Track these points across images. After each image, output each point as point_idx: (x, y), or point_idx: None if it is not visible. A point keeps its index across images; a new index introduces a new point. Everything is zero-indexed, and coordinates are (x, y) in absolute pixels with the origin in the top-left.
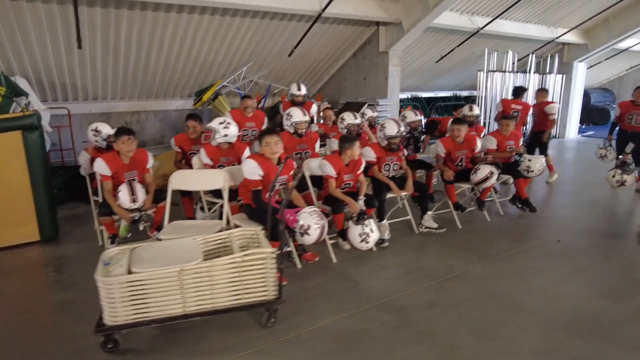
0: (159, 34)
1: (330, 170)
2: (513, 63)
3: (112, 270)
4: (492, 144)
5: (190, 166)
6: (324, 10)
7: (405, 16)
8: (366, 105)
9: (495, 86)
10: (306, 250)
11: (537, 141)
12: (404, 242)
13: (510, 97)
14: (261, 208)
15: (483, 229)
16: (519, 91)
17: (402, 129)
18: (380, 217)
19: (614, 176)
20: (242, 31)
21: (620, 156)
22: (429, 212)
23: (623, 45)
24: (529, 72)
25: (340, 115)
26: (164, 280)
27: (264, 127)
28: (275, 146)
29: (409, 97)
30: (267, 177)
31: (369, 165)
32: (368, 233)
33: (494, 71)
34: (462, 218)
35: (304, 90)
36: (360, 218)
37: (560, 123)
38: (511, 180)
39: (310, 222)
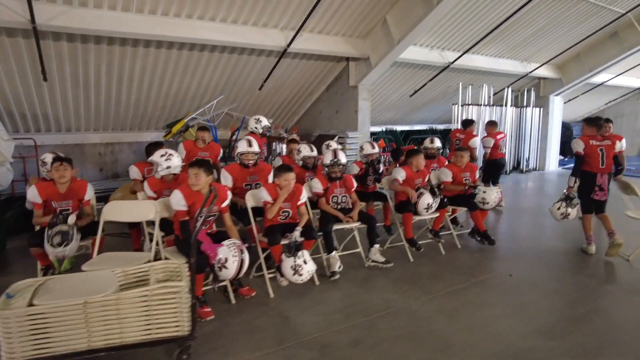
0: (128, 68)
1: (265, 196)
2: (489, 97)
3: (14, 303)
4: (448, 176)
5: None
6: (289, 45)
7: (372, 52)
8: (336, 137)
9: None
10: (243, 284)
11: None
12: (350, 276)
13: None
14: (187, 239)
15: (435, 262)
16: (466, 122)
17: (341, 158)
18: (328, 249)
19: (558, 208)
20: (211, 65)
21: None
22: (376, 246)
23: (597, 80)
24: (505, 106)
25: (297, 148)
26: (67, 313)
27: (219, 157)
28: (194, 178)
29: (384, 130)
30: (194, 209)
31: (317, 196)
32: (301, 265)
33: (468, 104)
34: (416, 251)
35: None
36: (293, 250)
37: (539, 155)
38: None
39: (228, 255)
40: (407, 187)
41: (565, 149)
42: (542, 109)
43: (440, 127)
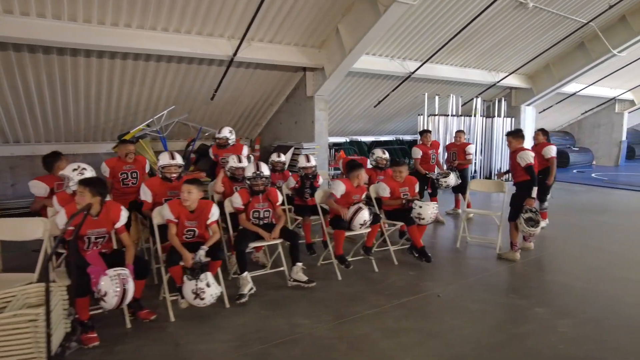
0: (71, 78)
1: (167, 214)
2: (458, 107)
3: None
4: (385, 191)
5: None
6: (235, 55)
7: (327, 62)
8: (292, 149)
9: (438, 130)
10: (142, 307)
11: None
12: (267, 297)
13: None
14: (75, 260)
15: (365, 281)
16: (421, 132)
17: (264, 171)
18: (240, 269)
19: (534, 225)
20: (160, 75)
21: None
22: (299, 264)
23: (569, 90)
24: (475, 116)
25: (225, 158)
26: None
27: (146, 170)
28: (79, 196)
29: (347, 140)
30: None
31: (238, 211)
32: (203, 288)
33: (435, 115)
34: (347, 268)
35: (224, 133)
36: (196, 271)
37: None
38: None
39: (109, 289)
40: (340, 206)
41: None
42: (513, 119)
43: (408, 137)
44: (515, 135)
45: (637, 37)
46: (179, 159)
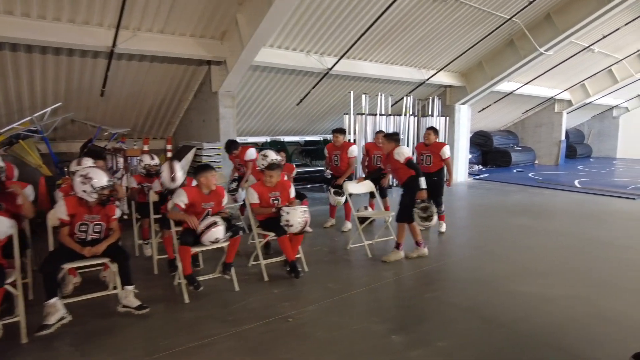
0: None
1: None
2: (388, 106)
3: None
4: (253, 197)
5: None
6: (114, 45)
7: (229, 54)
8: (194, 149)
9: (365, 129)
10: None
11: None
12: (86, 327)
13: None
14: None
15: (216, 304)
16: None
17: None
18: (47, 295)
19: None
20: (37, 68)
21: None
22: (129, 287)
23: (505, 88)
24: (406, 115)
25: (77, 160)
26: None
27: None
28: None
29: (268, 140)
30: None
31: (61, 224)
32: None
33: (361, 114)
34: (196, 290)
35: None
36: None
37: None
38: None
39: None
40: (188, 215)
41: (486, 159)
42: (447, 118)
43: None
44: (389, 138)
45: (562, 35)
46: None
